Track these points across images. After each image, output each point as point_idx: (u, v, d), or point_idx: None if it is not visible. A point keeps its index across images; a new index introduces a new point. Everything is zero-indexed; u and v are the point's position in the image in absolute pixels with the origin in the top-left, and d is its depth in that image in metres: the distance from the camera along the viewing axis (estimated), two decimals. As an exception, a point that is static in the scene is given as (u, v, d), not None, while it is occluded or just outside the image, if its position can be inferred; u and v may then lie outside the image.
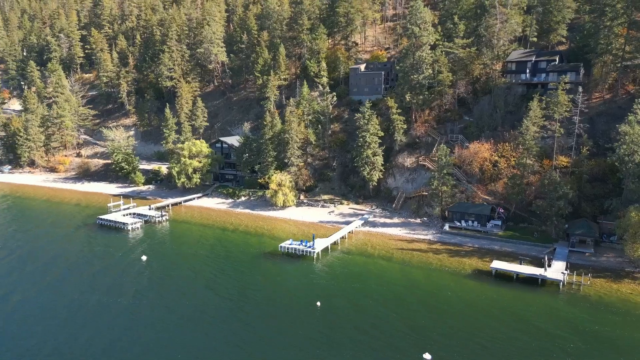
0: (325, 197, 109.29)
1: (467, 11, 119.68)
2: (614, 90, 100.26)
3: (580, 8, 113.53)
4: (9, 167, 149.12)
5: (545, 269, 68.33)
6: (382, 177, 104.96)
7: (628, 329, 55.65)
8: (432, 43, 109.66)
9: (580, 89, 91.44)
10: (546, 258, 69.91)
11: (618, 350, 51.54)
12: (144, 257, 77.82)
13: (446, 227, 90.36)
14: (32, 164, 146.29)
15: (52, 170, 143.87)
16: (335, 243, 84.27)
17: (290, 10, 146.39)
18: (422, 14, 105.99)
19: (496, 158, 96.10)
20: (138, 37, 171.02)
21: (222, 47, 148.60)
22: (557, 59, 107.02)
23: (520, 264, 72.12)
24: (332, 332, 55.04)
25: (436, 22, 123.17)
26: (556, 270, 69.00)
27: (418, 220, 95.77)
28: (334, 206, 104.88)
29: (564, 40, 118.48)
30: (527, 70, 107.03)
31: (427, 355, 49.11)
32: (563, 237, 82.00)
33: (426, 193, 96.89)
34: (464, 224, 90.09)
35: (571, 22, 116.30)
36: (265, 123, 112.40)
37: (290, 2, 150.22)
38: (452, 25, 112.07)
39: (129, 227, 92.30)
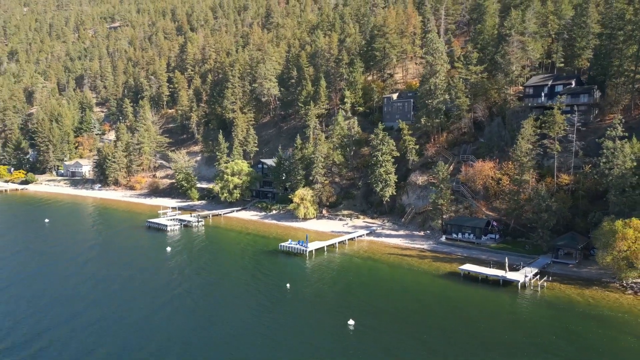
0: (345, 212, 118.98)
1: (490, 40, 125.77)
2: (628, 111, 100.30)
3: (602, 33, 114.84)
4: (99, 185, 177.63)
5: (506, 271, 72.33)
6: (396, 194, 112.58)
7: (549, 320, 59.29)
8: (447, 71, 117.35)
9: (576, 108, 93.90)
10: (507, 261, 73.78)
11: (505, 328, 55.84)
12: (168, 249, 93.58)
13: (442, 239, 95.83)
14: (116, 183, 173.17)
15: (131, 188, 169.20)
16: (333, 246, 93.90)
17: (336, 49, 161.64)
18: (436, 44, 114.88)
19: (499, 176, 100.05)
20: (209, 76, 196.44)
21: (274, 82, 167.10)
22: (574, 83, 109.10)
23: (490, 267, 76.37)
24: (289, 303, 65.12)
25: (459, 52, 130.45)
26: (521, 274, 72.49)
27: (421, 233, 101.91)
28: (350, 219, 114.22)
29: (589, 65, 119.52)
30: (543, 94, 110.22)
31: (350, 321, 57.30)
32: (552, 249, 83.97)
33: (431, 208, 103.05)
34: (460, 236, 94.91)
35: (596, 47, 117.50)
36: (296, 145, 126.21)
37: (338, 41, 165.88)
38: (470, 55, 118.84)
39: (169, 229, 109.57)
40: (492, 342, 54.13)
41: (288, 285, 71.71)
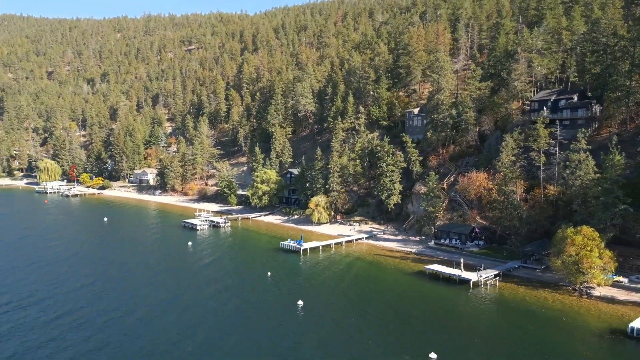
0: (357, 218, 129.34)
1: (502, 57, 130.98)
2: (624, 125, 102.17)
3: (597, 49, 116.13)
4: (160, 191, 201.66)
5: (462, 271, 79.72)
6: (402, 202, 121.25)
7: (481, 311, 66.67)
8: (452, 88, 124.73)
9: (557, 123, 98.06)
10: (462, 261, 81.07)
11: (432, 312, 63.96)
12: (189, 243, 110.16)
13: (431, 243, 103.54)
14: (173, 189, 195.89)
15: (185, 194, 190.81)
16: (329, 246, 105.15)
17: (369, 67, 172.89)
18: (441, 63, 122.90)
19: (491, 186, 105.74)
20: (258, 94, 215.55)
21: (310, 99, 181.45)
22: (575, 97, 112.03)
23: (454, 267, 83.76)
24: (264, 286, 77.95)
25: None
26: (476, 274, 79.42)
27: (417, 238, 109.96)
28: (358, 225, 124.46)
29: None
30: (545, 108, 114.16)
31: (300, 302, 68.76)
32: (522, 255, 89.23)
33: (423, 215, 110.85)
34: (447, 241, 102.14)
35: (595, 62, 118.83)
36: (316, 157, 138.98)
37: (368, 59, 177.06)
38: (477, 71, 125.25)
39: (198, 227, 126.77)
40: (426, 322, 63.09)
41: (269, 274, 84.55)
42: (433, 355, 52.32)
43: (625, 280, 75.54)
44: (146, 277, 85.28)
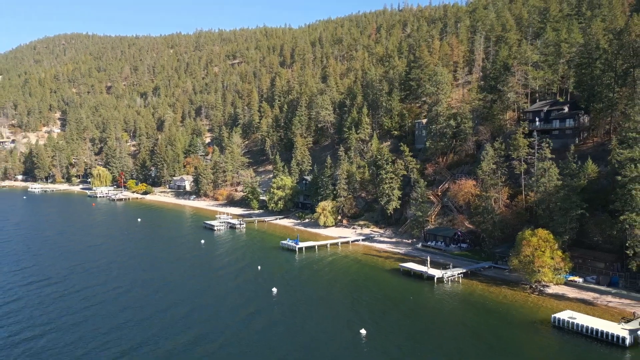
0: (361, 222, 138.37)
1: (501, 69, 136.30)
2: (609, 135, 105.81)
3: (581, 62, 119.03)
4: (194, 196, 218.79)
5: (428, 267, 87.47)
6: (399, 207, 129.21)
7: (435, 300, 74.65)
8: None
9: (535, 134, 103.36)
10: (429, 259, 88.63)
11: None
12: (202, 241, 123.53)
13: (418, 245, 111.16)
14: (205, 194, 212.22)
15: (215, 199, 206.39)
16: (325, 246, 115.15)
17: (384, 80, 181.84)
18: (438, 76, 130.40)
19: (478, 192, 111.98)
20: (285, 106, 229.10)
21: (329, 111, 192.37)
22: (567, 108, 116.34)
23: (425, 265, 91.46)
24: (251, 275, 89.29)
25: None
26: (441, 271, 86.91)
27: (409, 241, 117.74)
28: (361, 228, 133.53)
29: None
30: (538, 119, 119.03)
31: (274, 289, 79.38)
32: (493, 256, 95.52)
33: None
34: (433, 243, 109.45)
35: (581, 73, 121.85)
36: (325, 165, 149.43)
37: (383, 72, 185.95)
38: (474, 83, 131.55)
39: (215, 228, 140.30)
40: (374, 307, 72.06)
41: (259, 267, 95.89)
42: (363, 331, 61.38)
43: (580, 280, 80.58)
44: (149, 264, 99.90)
